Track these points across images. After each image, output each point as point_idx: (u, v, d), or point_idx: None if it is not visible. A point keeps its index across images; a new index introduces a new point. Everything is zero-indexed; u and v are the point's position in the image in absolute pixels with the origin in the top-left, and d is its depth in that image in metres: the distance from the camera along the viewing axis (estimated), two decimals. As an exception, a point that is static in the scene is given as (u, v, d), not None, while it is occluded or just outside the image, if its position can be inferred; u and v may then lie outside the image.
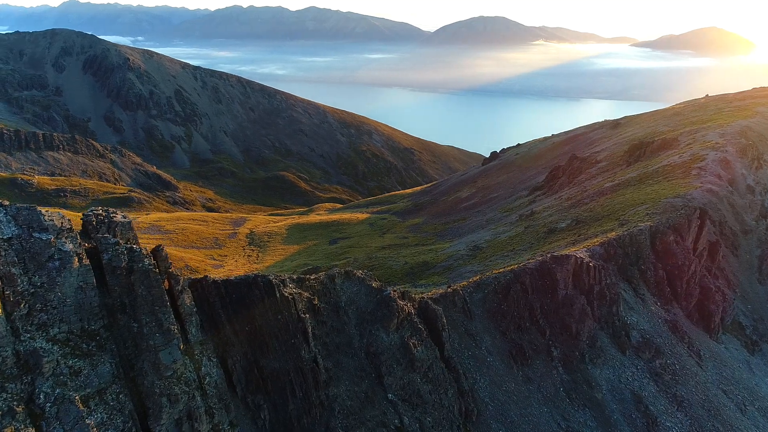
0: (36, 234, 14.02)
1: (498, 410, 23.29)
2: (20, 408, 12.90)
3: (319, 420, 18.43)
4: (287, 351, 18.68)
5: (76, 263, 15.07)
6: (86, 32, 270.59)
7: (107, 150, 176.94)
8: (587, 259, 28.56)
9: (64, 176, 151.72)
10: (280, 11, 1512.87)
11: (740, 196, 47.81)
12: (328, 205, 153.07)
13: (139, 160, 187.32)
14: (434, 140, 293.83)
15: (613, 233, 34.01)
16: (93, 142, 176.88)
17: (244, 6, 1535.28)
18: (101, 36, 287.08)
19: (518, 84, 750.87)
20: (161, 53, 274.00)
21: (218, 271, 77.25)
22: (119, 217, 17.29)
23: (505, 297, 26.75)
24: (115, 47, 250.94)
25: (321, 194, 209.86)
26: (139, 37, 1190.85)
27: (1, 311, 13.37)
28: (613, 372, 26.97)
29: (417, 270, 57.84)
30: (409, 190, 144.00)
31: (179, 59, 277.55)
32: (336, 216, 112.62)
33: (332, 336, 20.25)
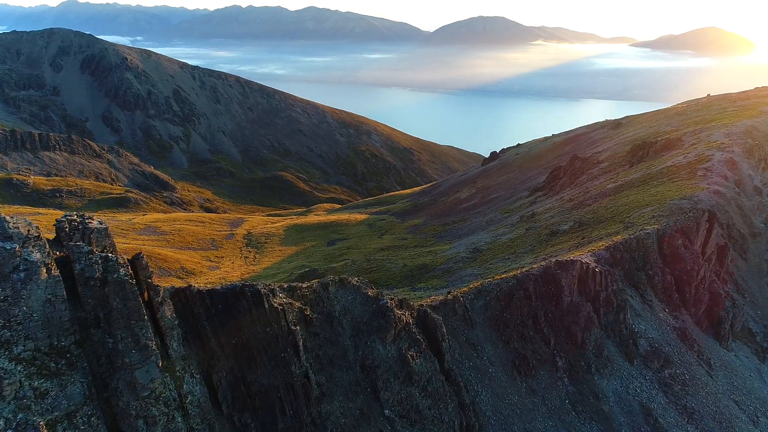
0: (-1, 243, 12.78)
1: (501, 424, 22.14)
2: (-24, 437, 11.68)
3: (311, 439, 17.27)
4: (276, 366, 17.48)
5: (44, 274, 13.84)
6: (85, 32, 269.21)
7: (104, 150, 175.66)
8: (593, 265, 27.39)
9: (60, 176, 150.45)
10: (279, 11, 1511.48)
11: (748, 198, 46.68)
12: (327, 206, 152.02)
13: (137, 160, 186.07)
14: (433, 140, 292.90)
15: (619, 236, 32.85)
16: (90, 142, 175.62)
17: (243, 6, 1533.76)
18: (100, 36, 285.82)
19: (518, 84, 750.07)
20: (159, 53, 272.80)
21: (214, 273, 76.09)
22: (95, 223, 16.05)
23: (508, 304, 25.58)
24: (113, 47, 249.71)
25: (320, 194, 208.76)
26: (138, 37, 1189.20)
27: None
28: (621, 383, 25.83)
29: (416, 273, 56.68)
30: (408, 191, 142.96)
31: (178, 59, 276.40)
32: (334, 217, 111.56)
33: (325, 348, 19.06)
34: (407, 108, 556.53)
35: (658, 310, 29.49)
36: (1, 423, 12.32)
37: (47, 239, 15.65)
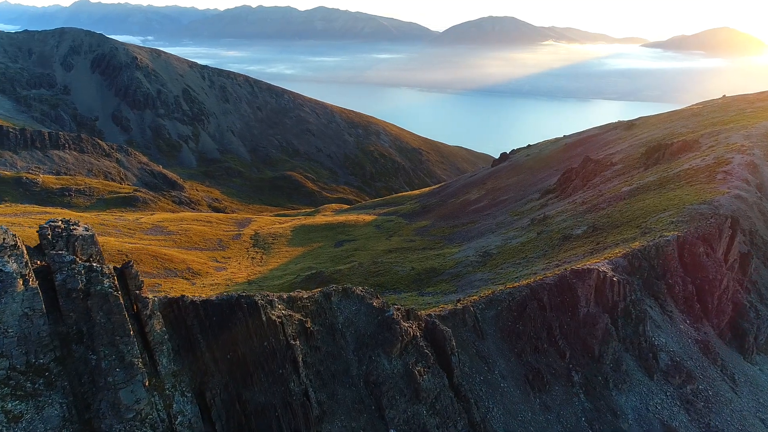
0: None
1: (513, 443, 20.87)
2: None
3: (311, 461, 16.11)
4: (274, 383, 16.33)
5: (21, 286, 12.77)
6: (96, 32, 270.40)
7: (113, 149, 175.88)
8: (610, 273, 26.01)
9: (70, 175, 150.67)
10: (289, 11, 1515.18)
11: (769, 203, 44.93)
12: (335, 206, 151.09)
13: (146, 160, 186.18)
14: (442, 141, 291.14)
15: (637, 243, 31.41)
16: (99, 141, 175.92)
17: (253, 6, 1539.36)
18: (111, 35, 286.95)
19: (527, 84, 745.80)
20: (169, 52, 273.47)
21: (220, 274, 75.30)
22: (80, 230, 14.97)
23: (521, 315, 24.28)
24: (123, 46, 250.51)
25: (328, 194, 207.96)
26: (149, 37, 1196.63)
27: None
28: (640, 399, 24.44)
29: (424, 276, 55.45)
30: (417, 192, 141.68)
31: (188, 59, 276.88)
32: (342, 217, 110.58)
33: (327, 363, 17.90)
34: (416, 108, 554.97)
35: (679, 322, 28.04)
36: (-32, 451, 11.28)
37: (28, 247, 14.60)
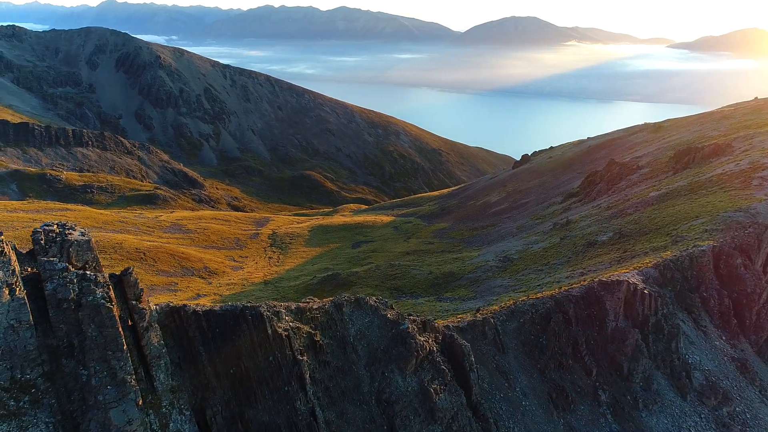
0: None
1: (535, 466, 19.49)
2: None
3: (317, 486, 15.00)
4: (279, 401, 15.26)
5: (6, 296, 11.87)
6: (122, 31, 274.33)
7: (135, 147, 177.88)
8: (641, 285, 24.40)
9: (92, 172, 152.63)
10: (311, 11, 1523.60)
11: (808, 211, 42.50)
12: (353, 206, 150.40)
13: (167, 158, 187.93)
14: (463, 141, 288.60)
15: (668, 252, 29.66)
16: (121, 139, 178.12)
17: (276, 6, 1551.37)
18: (137, 35, 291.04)
19: (549, 85, 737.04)
20: (192, 51, 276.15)
21: (237, 274, 74.89)
22: (76, 234, 14.05)
23: (545, 328, 22.86)
24: (147, 45, 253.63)
25: (347, 194, 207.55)
26: (174, 36, 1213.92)
27: None
28: (672, 421, 22.81)
29: (442, 281, 54.09)
30: (436, 193, 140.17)
31: (211, 58, 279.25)
32: (360, 218, 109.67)
33: (337, 379, 16.76)
34: (436, 108, 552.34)
35: (714, 338, 26.29)
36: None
37: (19, 253, 13.73)
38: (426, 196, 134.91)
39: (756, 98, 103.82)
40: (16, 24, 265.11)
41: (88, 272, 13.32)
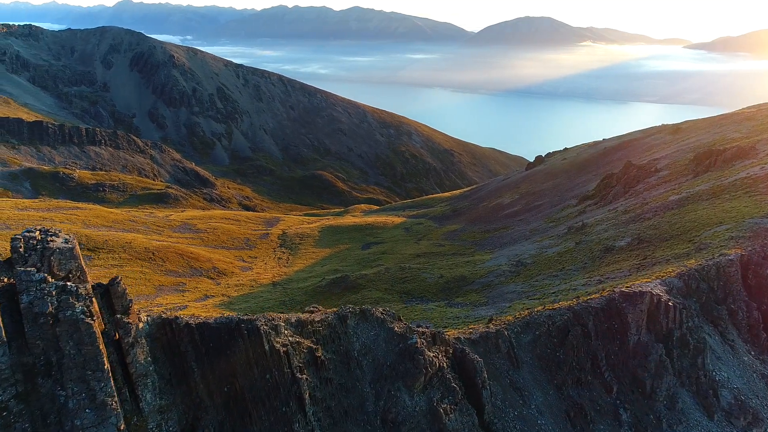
0: None
1: (550, 490, 18.23)
2: None
3: None
4: (276, 422, 14.17)
5: (-23, 310, 10.86)
6: (138, 31, 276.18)
7: (147, 146, 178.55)
8: (665, 297, 22.97)
9: (105, 171, 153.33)
10: (325, 11, 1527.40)
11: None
12: (364, 207, 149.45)
13: (179, 156, 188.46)
14: (475, 142, 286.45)
15: (693, 261, 28.15)
16: (134, 138, 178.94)
17: (289, 6, 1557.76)
18: (152, 35, 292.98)
19: (563, 86, 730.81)
20: (205, 51, 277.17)
21: (246, 274, 74.23)
22: (59, 242, 13.03)
23: (562, 342, 21.55)
24: (161, 45, 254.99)
25: (358, 194, 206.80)
26: (188, 36, 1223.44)
27: None
28: (698, 443, 21.42)
29: (453, 285, 52.77)
30: (448, 194, 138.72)
31: (224, 57, 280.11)
32: (371, 219, 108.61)
33: (339, 397, 15.63)
34: (449, 109, 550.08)
35: (742, 353, 24.79)
36: None
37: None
38: (437, 197, 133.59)
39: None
40: (33, 23, 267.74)
41: (69, 283, 12.28)
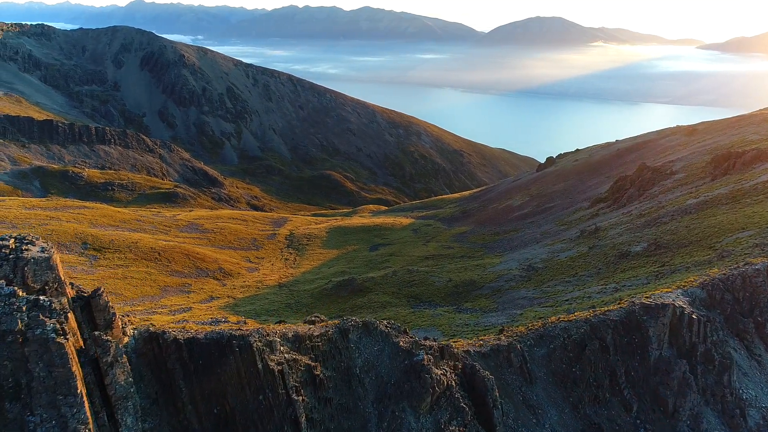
0: None
1: None
2: None
3: None
4: (270, 447, 13.04)
5: (-63, 328, 9.84)
6: (150, 30, 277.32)
7: (156, 145, 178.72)
8: (689, 309, 21.60)
9: (114, 170, 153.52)
10: (335, 11, 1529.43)
11: None
12: (372, 207, 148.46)
13: (188, 156, 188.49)
14: (485, 143, 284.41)
15: (716, 270, 26.71)
16: (143, 137, 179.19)
17: (300, 6, 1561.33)
18: (164, 35, 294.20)
19: (574, 86, 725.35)
20: (215, 51, 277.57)
21: (252, 276, 73.46)
22: (34, 251, 11.98)
23: (578, 356, 20.28)
24: (172, 44, 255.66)
25: (367, 195, 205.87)
26: (199, 36, 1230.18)
27: None
28: (724, 466, 20.07)
29: (462, 290, 51.52)
30: (457, 195, 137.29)
31: (234, 57, 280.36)
32: (379, 220, 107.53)
33: (339, 419, 14.49)
34: (459, 109, 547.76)
35: (770, 369, 23.41)
36: None
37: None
38: (446, 198, 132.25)
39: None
40: (46, 23, 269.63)
41: (43, 297, 11.22)
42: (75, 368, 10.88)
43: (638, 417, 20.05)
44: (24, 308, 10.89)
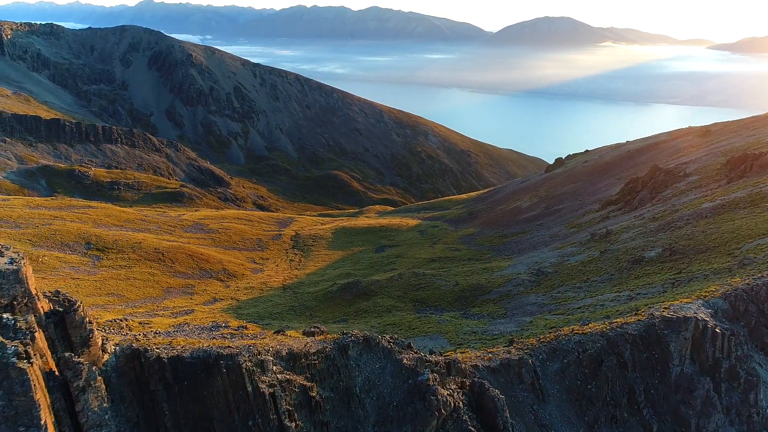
0: None
1: None
2: None
3: None
4: (260, 477, 11.92)
5: None
6: (159, 30, 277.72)
7: (163, 144, 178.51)
8: (712, 323, 20.31)
9: (120, 169, 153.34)
10: (343, 11, 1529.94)
11: None
12: (379, 208, 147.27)
13: (194, 155, 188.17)
14: (493, 143, 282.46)
15: (738, 279, 25.37)
16: (150, 136, 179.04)
17: (308, 6, 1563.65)
18: (173, 34, 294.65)
19: (583, 87, 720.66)
20: (223, 50, 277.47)
21: (256, 277, 72.55)
22: (3, 262, 10.91)
23: (594, 373, 19.05)
24: (179, 44, 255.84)
25: (373, 195, 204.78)
26: (208, 36, 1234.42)
27: None
28: (750, 491, 18.78)
29: (469, 294, 50.26)
30: (464, 196, 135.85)
31: (242, 57, 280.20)
32: (385, 220, 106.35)
33: (337, 444, 13.37)
34: (466, 109, 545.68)
35: (797, 385, 22.07)
36: None
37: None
38: (454, 199, 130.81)
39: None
40: (56, 23, 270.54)
41: (6, 315, 10.13)
42: (39, 396, 9.79)
43: (658, 438, 18.77)
44: (-15, 328, 9.82)
